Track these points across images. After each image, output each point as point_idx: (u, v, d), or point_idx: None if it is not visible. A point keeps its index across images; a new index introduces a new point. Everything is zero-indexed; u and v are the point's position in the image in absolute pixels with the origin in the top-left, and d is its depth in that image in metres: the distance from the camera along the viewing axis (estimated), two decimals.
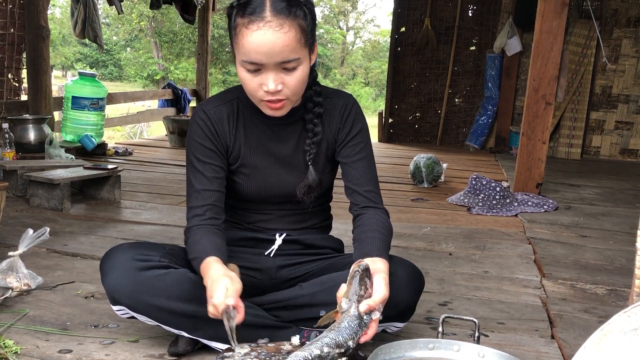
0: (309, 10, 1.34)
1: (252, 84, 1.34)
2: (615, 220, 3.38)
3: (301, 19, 1.31)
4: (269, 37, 1.27)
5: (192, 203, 1.45)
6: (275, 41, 1.27)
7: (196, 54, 7.82)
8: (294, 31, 1.29)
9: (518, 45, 6.49)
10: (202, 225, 1.42)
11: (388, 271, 1.32)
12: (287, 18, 1.28)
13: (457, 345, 1.32)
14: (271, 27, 1.27)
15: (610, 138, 6.56)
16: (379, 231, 1.43)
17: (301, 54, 1.32)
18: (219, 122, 1.47)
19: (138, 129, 12.33)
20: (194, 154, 1.46)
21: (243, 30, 1.29)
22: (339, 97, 1.54)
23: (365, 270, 1.26)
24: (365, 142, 1.53)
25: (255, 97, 1.37)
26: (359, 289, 1.24)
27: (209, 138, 1.46)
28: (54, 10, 25.23)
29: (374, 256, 1.35)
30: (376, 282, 1.27)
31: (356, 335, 1.21)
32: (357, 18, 29.48)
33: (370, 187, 1.51)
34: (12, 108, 4.45)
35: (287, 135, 1.51)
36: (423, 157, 4.30)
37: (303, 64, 1.34)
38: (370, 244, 1.40)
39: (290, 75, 1.33)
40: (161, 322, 1.40)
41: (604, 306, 2.00)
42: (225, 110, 1.49)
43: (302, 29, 1.31)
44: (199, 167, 1.45)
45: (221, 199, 1.47)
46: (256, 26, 1.27)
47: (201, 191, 1.44)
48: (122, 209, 3.21)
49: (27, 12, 4.43)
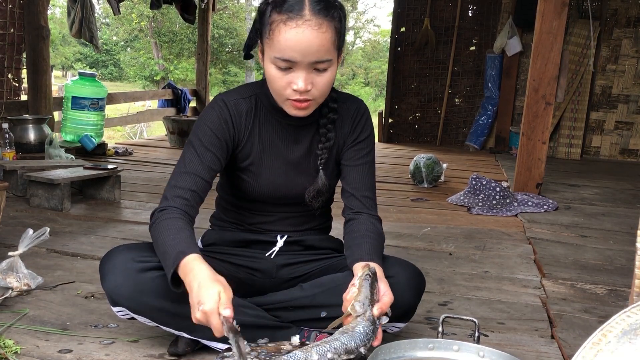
0: (343, 14, 1.35)
1: (281, 81, 1.33)
2: (615, 220, 3.38)
3: (337, 21, 1.32)
4: (307, 35, 1.27)
5: (178, 183, 1.39)
6: (313, 40, 1.27)
7: (196, 54, 7.82)
8: (330, 32, 1.30)
9: (518, 45, 6.49)
10: (184, 212, 1.35)
11: (384, 276, 1.33)
12: (325, 18, 1.28)
13: (457, 345, 1.32)
14: (310, 25, 1.27)
15: (610, 138, 6.56)
16: (369, 236, 1.43)
17: (333, 56, 1.33)
18: (237, 115, 1.46)
19: (138, 129, 12.33)
20: (199, 138, 1.42)
21: (281, 26, 1.28)
22: (352, 102, 1.54)
23: (374, 274, 1.26)
24: (370, 149, 1.54)
25: (282, 96, 1.36)
26: (371, 292, 1.23)
27: (222, 127, 1.44)
28: (54, 10, 25.25)
29: (365, 260, 1.35)
30: (381, 286, 1.28)
31: (369, 341, 1.20)
32: (357, 18, 29.47)
33: (367, 192, 1.51)
34: (12, 108, 4.45)
35: (300, 138, 1.50)
36: (423, 157, 4.30)
37: (333, 66, 1.34)
38: (360, 249, 1.40)
39: (321, 76, 1.33)
40: (161, 323, 1.40)
41: (604, 306, 2.00)
42: (245, 105, 1.47)
43: (337, 31, 1.32)
44: (199, 151, 1.41)
45: (206, 192, 1.42)
46: (295, 23, 1.27)
47: (192, 174, 1.39)
48: (122, 209, 3.21)
49: (27, 12, 4.44)
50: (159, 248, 1.31)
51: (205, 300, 1.15)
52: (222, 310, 1.14)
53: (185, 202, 1.37)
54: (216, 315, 1.14)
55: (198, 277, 1.19)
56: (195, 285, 1.18)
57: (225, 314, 1.14)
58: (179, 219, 1.33)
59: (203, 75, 7.63)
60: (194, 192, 1.39)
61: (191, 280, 1.20)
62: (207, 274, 1.20)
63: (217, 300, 1.15)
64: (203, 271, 1.20)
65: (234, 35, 22.01)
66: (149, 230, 1.37)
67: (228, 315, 1.14)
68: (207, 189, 1.42)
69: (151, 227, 1.36)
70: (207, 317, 1.15)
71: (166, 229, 1.31)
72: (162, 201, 1.39)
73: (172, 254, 1.25)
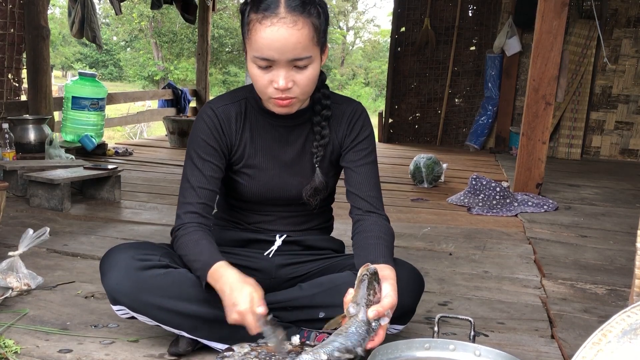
0: (323, 10, 1.35)
1: (263, 80, 1.34)
2: (615, 220, 3.39)
3: (315, 18, 1.31)
4: (282, 33, 1.27)
5: (186, 199, 1.44)
6: (289, 38, 1.27)
7: (196, 54, 7.82)
8: (307, 29, 1.29)
9: (517, 45, 6.49)
10: (198, 224, 1.41)
11: (395, 278, 1.31)
12: (301, 15, 1.28)
13: (453, 344, 1.32)
14: (285, 23, 1.27)
15: (610, 138, 6.56)
16: (382, 237, 1.43)
17: (313, 52, 1.32)
18: (226, 121, 1.47)
19: (138, 129, 12.33)
20: (195, 151, 1.46)
21: (257, 25, 1.29)
22: (348, 104, 1.54)
23: (373, 274, 1.24)
24: (370, 149, 1.54)
25: (265, 94, 1.37)
26: (367, 293, 1.21)
27: (214, 136, 1.46)
28: (54, 10, 25.25)
29: (380, 263, 1.34)
30: (385, 289, 1.26)
31: (364, 341, 1.18)
32: (357, 18, 29.48)
33: (373, 192, 1.51)
34: (12, 108, 4.45)
35: (293, 138, 1.51)
36: (423, 157, 4.30)
37: (314, 63, 1.34)
38: (375, 250, 1.39)
39: (301, 73, 1.33)
40: (161, 322, 1.40)
41: (604, 306, 2.00)
42: (234, 109, 1.48)
43: (315, 27, 1.31)
44: (198, 164, 1.44)
45: (214, 199, 1.47)
46: (270, 22, 1.27)
47: (197, 188, 1.43)
48: (122, 209, 3.21)
49: (27, 12, 4.43)
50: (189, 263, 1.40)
51: (239, 301, 1.24)
52: (256, 309, 1.23)
53: (197, 215, 1.43)
54: (250, 314, 1.23)
55: (228, 281, 1.28)
56: (227, 289, 1.27)
57: (259, 312, 1.23)
58: (195, 232, 1.40)
59: (203, 75, 7.63)
60: (203, 204, 1.44)
61: (222, 286, 1.29)
62: (236, 277, 1.29)
63: (250, 300, 1.24)
64: (232, 275, 1.29)
65: (234, 35, 22.01)
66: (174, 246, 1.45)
67: (262, 312, 1.23)
68: (215, 197, 1.48)
69: (175, 244, 1.44)
70: (242, 317, 1.24)
71: (186, 246, 1.39)
72: (176, 220, 1.45)
73: (199, 268, 1.34)
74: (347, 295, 1.25)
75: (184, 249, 1.39)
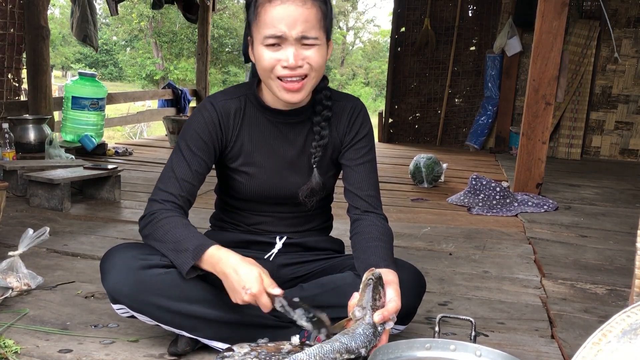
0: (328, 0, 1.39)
1: (271, 61, 1.34)
2: (615, 220, 3.39)
3: (322, 2, 1.36)
4: (292, 10, 1.31)
5: (168, 189, 1.41)
6: (299, 15, 1.31)
7: (196, 54, 7.82)
8: (315, 9, 1.33)
9: (518, 46, 6.49)
10: (177, 210, 1.39)
11: (398, 282, 1.32)
12: None
13: (454, 344, 1.32)
14: (294, 2, 1.31)
15: (610, 138, 6.56)
16: (382, 239, 1.43)
17: (320, 35, 1.35)
18: (224, 116, 1.47)
19: (138, 129, 12.33)
20: (187, 143, 1.45)
21: (266, 5, 1.32)
22: (348, 100, 1.54)
23: (378, 279, 1.25)
24: (369, 147, 1.54)
25: (273, 75, 1.36)
26: (373, 297, 1.23)
27: (209, 131, 1.45)
28: (54, 10, 25.25)
29: (382, 267, 1.34)
30: (389, 293, 1.27)
31: (370, 344, 1.20)
32: (357, 18, 29.48)
33: (371, 191, 1.51)
34: (12, 108, 4.45)
35: (293, 136, 1.50)
36: (423, 157, 4.30)
37: (322, 47, 1.36)
38: (375, 254, 1.39)
39: (310, 51, 1.34)
40: (161, 322, 1.40)
41: (604, 306, 2.00)
42: (234, 105, 1.48)
43: (322, 11, 1.35)
44: (187, 157, 1.44)
45: (194, 195, 1.47)
46: (280, 1, 1.31)
47: (181, 180, 1.42)
48: (122, 209, 3.21)
49: (27, 12, 4.43)
50: (166, 244, 1.34)
51: (250, 284, 1.23)
52: (272, 291, 1.24)
53: (177, 206, 1.40)
54: (264, 295, 1.23)
55: (230, 263, 1.26)
56: (230, 271, 1.25)
57: (276, 293, 1.24)
58: (182, 217, 1.38)
59: (203, 75, 7.63)
60: (184, 197, 1.43)
61: (223, 268, 1.27)
62: (238, 258, 1.27)
63: (261, 281, 1.24)
64: (232, 257, 1.28)
65: (234, 35, 22.01)
66: (143, 230, 1.39)
67: (280, 293, 1.25)
68: (196, 193, 1.47)
69: (147, 226, 1.38)
70: (256, 299, 1.24)
71: (172, 226, 1.34)
72: (152, 204, 1.41)
73: (189, 249, 1.30)
74: (352, 299, 1.26)
75: (165, 232, 1.33)
